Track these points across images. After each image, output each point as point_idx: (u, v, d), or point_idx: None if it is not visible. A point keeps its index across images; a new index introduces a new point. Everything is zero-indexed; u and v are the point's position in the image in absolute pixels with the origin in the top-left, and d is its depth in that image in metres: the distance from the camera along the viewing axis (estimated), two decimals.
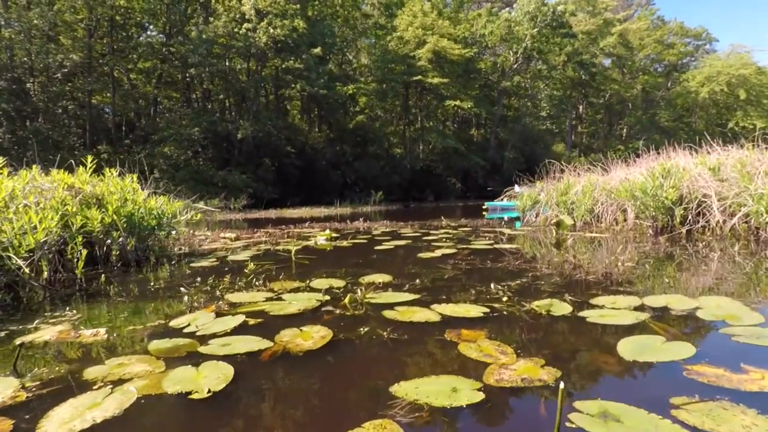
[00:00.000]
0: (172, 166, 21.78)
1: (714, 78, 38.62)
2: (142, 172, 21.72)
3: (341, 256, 4.82)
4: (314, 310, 2.52)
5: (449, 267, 3.68)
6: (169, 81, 26.42)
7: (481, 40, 31.57)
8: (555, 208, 7.24)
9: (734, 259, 3.73)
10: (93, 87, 21.99)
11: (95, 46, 23.23)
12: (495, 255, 4.31)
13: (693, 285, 2.83)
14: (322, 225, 9.62)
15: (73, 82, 23.05)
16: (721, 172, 5.89)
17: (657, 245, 4.63)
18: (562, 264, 3.67)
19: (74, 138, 23.88)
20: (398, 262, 4.15)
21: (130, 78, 25.07)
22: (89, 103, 23.19)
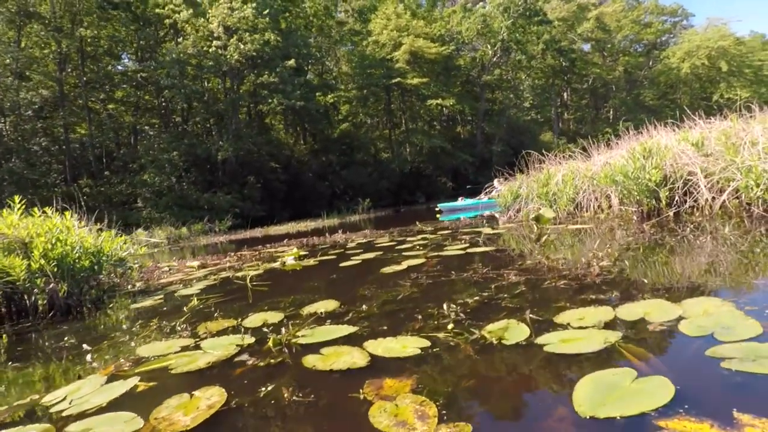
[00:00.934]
0: (154, 194, 21.35)
1: (694, 52, 38.53)
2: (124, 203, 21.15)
3: (300, 279, 4.40)
4: (227, 361, 2.10)
5: (409, 283, 3.26)
6: (148, 107, 26.06)
7: (458, 36, 31.34)
8: (536, 201, 6.84)
9: (725, 242, 3.32)
10: (67, 121, 21.57)
11: (67, 79, 22.88)
12: (464, 262, 3.90)
13: (677, 283, 2.41)
14: (303, 240, 9.19)
15: (46, 118, 22.65)
16: (705, 146, 5.50)
17: (642, 233, 4.22)
18: (534, 267, 3.25)
19: (55, 174, 23.44)
20: (356, 282, 3.73)
21: (107, 108, 24.69)
22: (66, 138, 22.77)
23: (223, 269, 5.90)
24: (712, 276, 2.47)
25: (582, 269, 2.95)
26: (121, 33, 22.34)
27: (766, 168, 4.19)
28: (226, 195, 21.77)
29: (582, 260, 3.19)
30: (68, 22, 20.97)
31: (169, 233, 15.95)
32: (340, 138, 30.11)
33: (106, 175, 22.38)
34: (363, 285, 3.47)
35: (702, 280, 2.40)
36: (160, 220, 19.06)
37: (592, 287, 2.49)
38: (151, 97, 25.07)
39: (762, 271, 2.49)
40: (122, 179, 21.90)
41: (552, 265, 3.22)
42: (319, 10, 30.72)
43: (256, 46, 19.39)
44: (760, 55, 42.26)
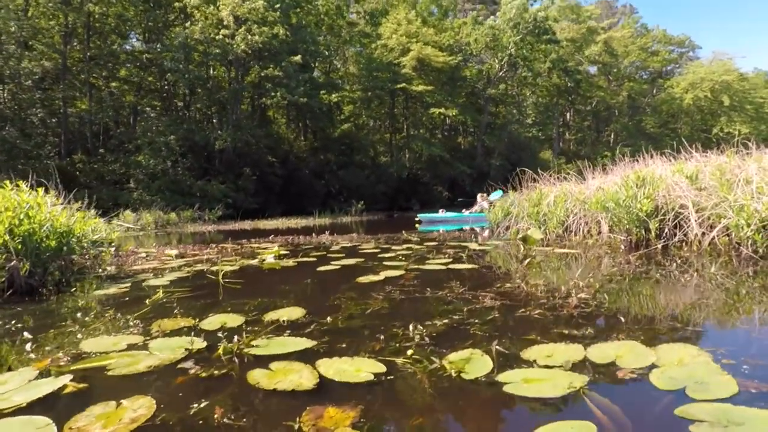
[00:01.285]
0: (148, 176, 21.11)
1: (698, 84, 38.82)
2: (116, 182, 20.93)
3: (274, 280, 4.26)
4: (170, 366, 1.96)
5: (381, 297, 3.13)
6: (151, 89, 25.83)
7: (466, 48, 31.38)
8: (526, 220, 6.75)
9: (710, 282, 3.22)
10: (66, 94, 21.28)
11: (72, 53, 22.61)
12: (443, 279, 3.77)
13: (655, 324, 2.30)
14: (289, 238, 9.05)
15: (46, 89, 22.37)
16: (700, 180, 5.43)
17: (627, 264, 4.12)
18: (512, 291, 3.13)
19: (49, 147, 23.15)
20: (329, 290, 3.60)
21: (109, 86, 24.42)
22: (65, 112, 22.50)
23: (200, 261, 5.75)
24: (692, 319, 2.36)
25: (560, 298, 2.83)
26: (130, 12, 22.12)
27: (758, 208, 4.11)
28: (221, 184, 21.56)
29: (562, 288, 3.08)
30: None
31: (157, 217, 15.71)
32: (341, 138, 30.00)
33: (101, 152, 22.10)
34: (335, 293, 3.34)
35: (681, 323, 2.29)
36: (150, 203, 18.83)
37: (567, 320, 2.37)
38: (154, 79, 24.86)
39: (744, 318, 2.38)
40: (116, 158, 21.65)
41: (531, 290, 3.10)
42: (330, 9, 30.64)
43: (264, 38, 19.25)
44: (762, 93, 42.67)
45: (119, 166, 21.40)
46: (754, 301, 2.73)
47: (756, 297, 2.80)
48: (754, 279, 3.34)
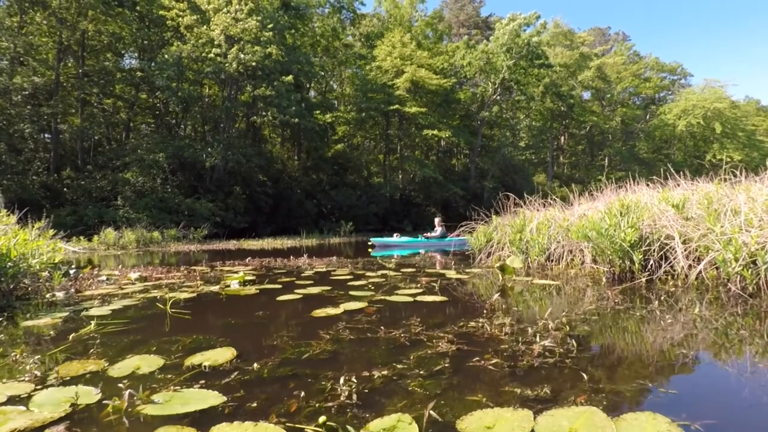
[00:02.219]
0: (135, 193, 20.82)
1: (690, 111, 39.24)
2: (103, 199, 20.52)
3: (224, 311, 3.92)
4: (37, 430, 1.63)
5: (328, 337, 2.81)
6: (145, 107, 25.75)
7: (460, 71, 31.68)
8: (508, 247, 6.46)
9: (693, 326, 2.92)
10: (56, 110, 21.12)
11: (66, 70, 22.58)
12: (404, 314, 3.45)
13: (623, 383, 1.99)
14: (266, 260, 8.71)
15: (37, 105, 22.24)
16: (687, 209, 5.18)
17: (606, 300, 3.81)
18: (473, 333, 2.82)
19: (38, 163, 22.93)
20: (277, 325, 3.26)
21: (102, 103, 24.33)
22: (55, 128, 22.34)
23: (160, 286, 5.40)
24: (667, 378, 2.05)
25: (524, 343, 2.52)
26: (124, 31, 22.19)
27: (746, 241, 3.83)
28: (210, 202, 21.25)
29: (529, 331, 2.77)
30: (74, 13, 20.80)
31: (140, 236, 15.32)
32: (334, 158, 29.92)
33: (89, 168, 21.82)
34: (281, 330, 3.01)
35: (654, 383, 1.97)
36: (136, 221, 18.47)
37: (524, 374, 2.06)
38: (147, 96, 24.82)
39: (730, 377, 2.07)
40: (104, 175, 21.37)
41: (494, 332, 2.78)
42: (327, 31, 31.03)
43: (257, 57, 19.25)
44: (754, 120, 43.20)
45: (107, 183, 21.11)
46: (743, 353, 2.42)
47: (745, 348, 2.49)
48: (742, 322, 3.04)
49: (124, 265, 8.80)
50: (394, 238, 12.98)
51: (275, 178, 26.76)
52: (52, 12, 20.16)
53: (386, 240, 12.82)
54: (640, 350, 2.47)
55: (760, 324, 2.94)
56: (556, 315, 3.23)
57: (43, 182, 21.56)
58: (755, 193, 4.79)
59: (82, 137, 23.33)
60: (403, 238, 12.82)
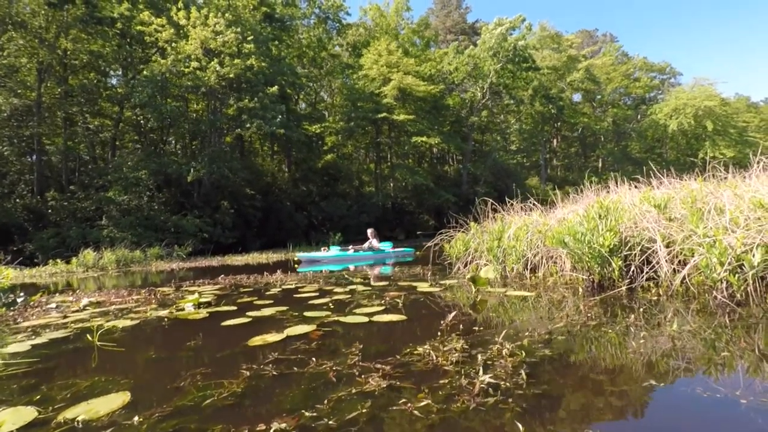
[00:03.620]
0: (121, 212, 20.43)
1: (681, 110, 39.17)
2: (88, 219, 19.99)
3: (157, 342, 3.52)
4: None
5: (249, 373, 2.42)
6: (129, 124, 25.45)
7: (448, 76, 31.55)
8: (485, 255, 6.08)
9: (672, 345, 2.54)
10: (35, 132, 20.77)
11: (49, 89, 22.29)
12: (351, 339, 3.07)
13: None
14: (238, 277, 8.30)
15: (16, 127, 21.91)
16: (670, 209, 4.83)
17: (578, 314, 3.43)
18: (417, 362, 2.43)
19: (23, 185, 22.58)
20: (200, 358, 2.87)
21: (86, 122, 24.03)
22: (38, 149, 22.00)
23: (108, 312, 5.00)
24: (629, 422, 1.67)
25: (469, 376, 2.14)
26: (105, 49, 21.95)
27: (731, 243, 3.47)
28: (196, 218, 20.85)
29: (479, 358, 2.38)
30: (53, 33, 20.56)
31: (120, 256, 14.88)
32: (324, 168, 29.61)
33: (71, 189, 21.42)
34: (200, 366, 2.62)
35: None
36: (121, 240, 18.06)
37: (451, 422, 1.68)
38: (131, 114, 24.53)
39: (705, 414, 1.70)
40: (87, 195, 20.98)
41: (440, 361, 2.40)
42: (312, 42, 30.91)
43: (237, 70, 19.00)
44: (744, 117, 43.17)
45: (90, 203, 20.72)
46: (730, 385, 2.04)
47: (733, 378, 2.11)
48: (728, 338, 2.66)
49: (104, 287, 8.45)
50: (323, 252, 12.35)
51: (264, 191, 26.41)
52: (33, 32, 19.92)
53: (312, 255, 12.20)
54: (604, 382, 2.09)
55: (747, 340, 2.56)
56: (519, 335, 2.85)
57: (27, 205, 21.15)
58: (742, 190, 4.43)
59: (67, 157, 23.01)
60: (331, 252, 12.17)
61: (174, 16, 19.56)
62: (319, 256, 11.88)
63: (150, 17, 19.46)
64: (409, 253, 12.21)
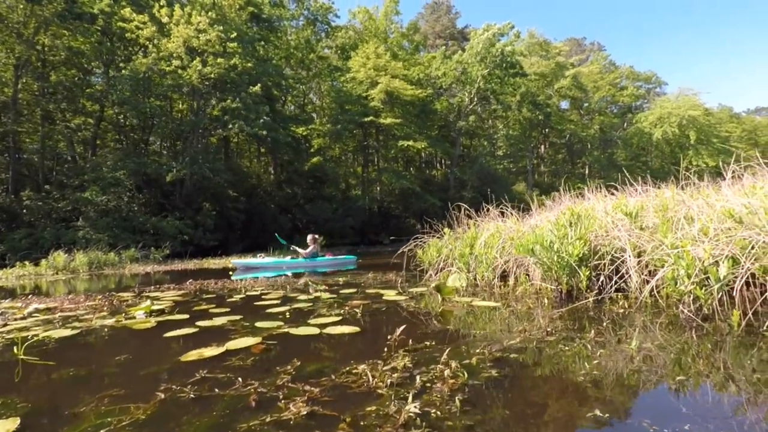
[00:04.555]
0: (98, 213, 19.89)
1: (666, 119, 39.66)
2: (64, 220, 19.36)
3: (88, 355, 3.25)
4: None
5: (166, 395, 2.18)
6: (111, 123, 24.90)
7: (437, 81, 31.54)
8: (456, 263, 5.89)
9: (629, 364, 2.36)
10: (8, 129, 20.18)
11: (27, 86, 21.71)
12: (293, 353, 2.84)
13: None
14: (205, 282, 8.01)
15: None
16: (642, 217, 4.69)
17: (537, 329, 3.24)
18: (353, 383, 2.21)
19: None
20: (119, 376, 2.61)
21: (66, 119, 23.45)
22: (13, 146, 21.39)
23: (53, 320, 4.70)
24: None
25: (401, 399, 1.93)
26: (85, 46, 21.45)
27: (699, 255, 3.31)
28: (177, 220, 20.39)
29: (417, 380, 2.17)
30: (32, 28, 20.03)
31: (93, 258, 14.42)
32: (311, 171, 29.30)
33: (47, 188, 20.84)
34: (119, 385, 2.37)
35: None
36: (97, 242, 17.56)
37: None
38: (112, 112, 24.02)
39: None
40: (63, 194, 20.41)
41: (376, 383, 2.18)
42: (300, 44, 30.67)
43: (220, 69, 18.68)
44: (727, 127, 43.88)
45: (66, 203, 20.15)
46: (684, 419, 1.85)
47: (682, 418, 1.92)
48: (692, 359, 2.49)
49: (74, 291, 8.16)
50: (258, 259, 11.86)
51: (249, 193, 26.02)
52: (10, 27, 19.37)
53: (248, 262, 11.78)
54: (546, 411, 1.89)
55: (706, 363, 2.39)
56: (470, 351, 2.65)
57: (0, 204, 20.53)
58: (713, 200, 4.31)
59: (44, 156, 22.43)
60: (267, 259, 11.74)
61: (156, 14, 19.19)
62: (254, 263, 11.40)
63: (131, 14, 19.05)
64: (352, 261, 11.90)
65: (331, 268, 10.45)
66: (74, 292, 7.93)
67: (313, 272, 9.83)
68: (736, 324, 2.87)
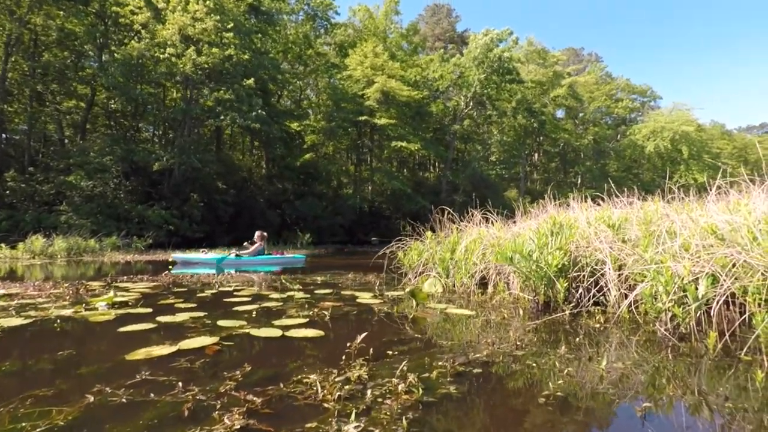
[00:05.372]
0: (83, 198, 19.51)
1: (659, 133, 39.95)
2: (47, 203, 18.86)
3: (34, 347, 3.06)
4: None
5: (101, 395, 2.01)
6: (103, 108, 24.46)
7: (433, 83, 31.45)
8: (436, 268, 5.75)
9: (597, 385, 2.22)
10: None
11: (17, 65, 21.22)
12: (247, 357, 2.68)
13: None
14: (184, 276, 7.81)
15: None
16: (625, 229, 4.58)
17: (506, 342, 3.10)
18: (303, 392, 2.05)
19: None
20: (61, 373, 2.43)
21: (55, 101, 22.98)
22: (0, 126, 20.93)
23: (7, 308, 4.47)
24: None
25: (341, 422, 1.77)
26: (78, 28, 21.02)
27: (679, 271, 3.20)
28: (162, 210, 20.06)
29: (368, 395, 2.01)
30: (25, 7, 19.54)
31: (72, 244, 14.09)
32: (302, 167, 29.04)
33: (30, 170, 20.39)
34: (49, 384, 2.19)
35: None
36: (79, 228, 17.18)
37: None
38: (103, 96, 23.61)
39: None
40: (46, 178, 19.99)
41: (324, 396, 2.02)
42: (298, 39, 30.41)
43: (215, 59, 18.40)
44: (718, 143, 44.31)
45: (50, 186, 19.73)
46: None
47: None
48: (662, 383, 2.36)
49: (51, 277, 7.92)
50: (200, 254, 11.36)
51: (239, 186, 25.71)
52: (2, 4, 18.90)
53: (189, 257, 11.30)
54: None
55: (677, 389, 2.26)
56: (433, 363, 2.50)
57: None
58: (697, 215, 4.20)
59: (30, 137, 21.97)
60: (210, 255, 11.21)
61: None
62: (195, 258, 10.91)
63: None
64: (300, 261, 11.54)
65: (276, 266, 10.10)
66: (50, 278, 7.70)
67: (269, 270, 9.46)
68: (712, 346, 2.75)
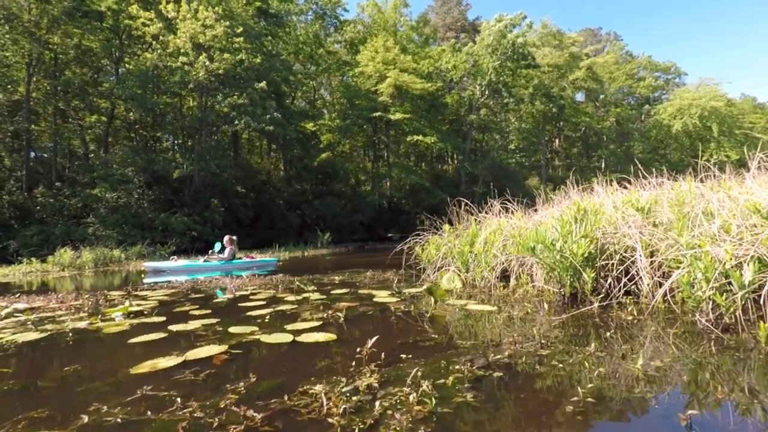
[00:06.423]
0: (109, 210, 20.04)
1: (686, 110, 38.32)
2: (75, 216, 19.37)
3: (43, 363, 3.01)
4: None
5: (97, 415, 1.90)
6: (123, 120, 25.03)
7: (447, 74, 30.96)
8: (455, 262, 5.53)
9: (632, 389, 1.99)
10: (20, 127, 20.37)
11: (40, 84, 21.90)
12: (254, 366, 2.55)
13: None
14: (217, 277, 7.82)
15: (3, 123, 21.53)
16: (655, 213, 4.26)
17: (531, 340, 2.87)
18: (307, 405, 1.90)
19: (13, 182, 22.21)
20: (61, 391, 2.35)
21: (78, 117, 23.64)
22: (28, 144, 21.66)
23: (26, 322, 4.49)
24: None
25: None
26: (94, 44, 21.51)
27: (720, 256, 2.90)
28: (185, 217, 20.40)
29: (377, 406, 1.84)
30: (44, 27, 20.09)
31: (98, 255, 14.41)
32: (320, 166, 29.09)
33: (57, 186, 21.03)
34: (45, 405, 2.10)
35: None
36: (106, 239, 17.64)
37: None
38: (122, 109, 24.14)
39: None
40: (74, 191, 20.58)
41: (329, 410, 1.86)
42: (309, 39, 30.41)
43: (227, 65, 18.51)
44: (750, 118, 42.23)
45: (77, 200, 20.31)
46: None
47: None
48: (715, 372, 2.11)
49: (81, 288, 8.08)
50: (171, 263, 11.25)
51: (258, 189, 25.94)
52: (22, 26, 19.49)
53: (158, 265, 11.21)
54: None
55: (729, 387, 2.01)
56: (449, 368, 2.31)
57: (14, 201, 20.79)
58: (736, 193, 3.86)
59: (57, 154, 22.67)
60: (179, 263, 11.13)
61: (163, 10, 19.10)
62: (164, 266, 10.84)
63: (138, 10, 18.99)
64: (272, 264, 11.31)
65: (248, 271, 10.00)
66: (78, 288, 7.83)
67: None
68: (764, 337, 2.47)
